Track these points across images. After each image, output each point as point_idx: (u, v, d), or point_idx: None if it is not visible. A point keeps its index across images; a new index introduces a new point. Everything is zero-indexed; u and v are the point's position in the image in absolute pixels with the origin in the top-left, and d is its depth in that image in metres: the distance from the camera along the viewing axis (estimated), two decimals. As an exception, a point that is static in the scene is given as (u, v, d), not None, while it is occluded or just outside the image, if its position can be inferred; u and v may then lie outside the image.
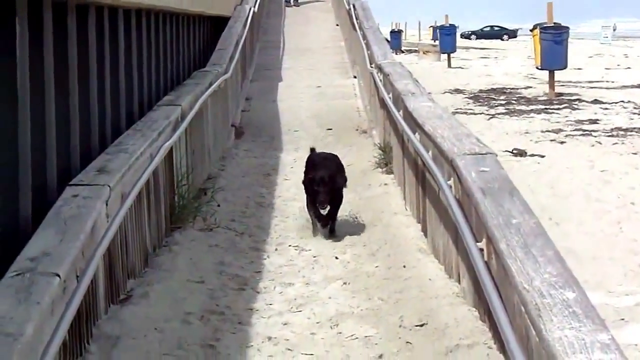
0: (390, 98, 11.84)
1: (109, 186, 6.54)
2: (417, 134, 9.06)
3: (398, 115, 10.50)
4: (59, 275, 4.93)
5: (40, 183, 6.57)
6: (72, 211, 5.94)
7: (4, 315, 4.38)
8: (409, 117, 9.79)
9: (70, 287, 5.12)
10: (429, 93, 12.48)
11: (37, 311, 4.51)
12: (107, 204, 6.41)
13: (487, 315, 5.90)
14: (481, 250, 5.67)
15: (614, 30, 69.33)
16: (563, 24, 24.32)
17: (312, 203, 9.62)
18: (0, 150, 5.73)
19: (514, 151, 15.22)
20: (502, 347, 4.83)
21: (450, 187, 6.99)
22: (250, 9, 22.94)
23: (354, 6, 23.44)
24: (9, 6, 6.02)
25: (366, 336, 6.60)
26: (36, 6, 6.63)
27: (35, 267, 4.98)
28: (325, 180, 9.45)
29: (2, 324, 4.29)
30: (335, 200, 9.65)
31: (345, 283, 7.92)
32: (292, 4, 37.54)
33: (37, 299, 4.62)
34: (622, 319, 7.15)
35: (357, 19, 21.67)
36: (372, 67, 15.55)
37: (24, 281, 4.79)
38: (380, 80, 13.64)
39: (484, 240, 5.71)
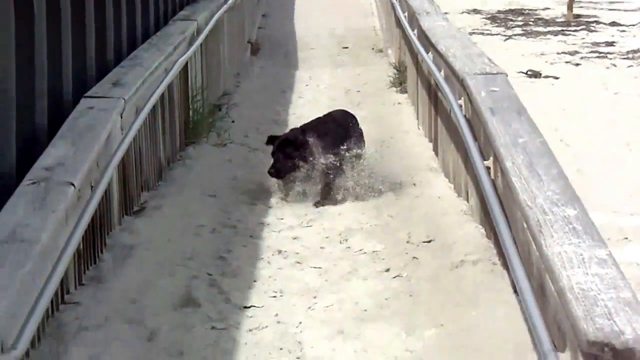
0: (405, 17, 11.78)
1: (124, 99, 6.61)
2: (430, 53, 9.07)
3: (412, 35, 10.49)
4: (73, 185, 5.04)
5: (56, 95, 6.64)
6: (87, 122, 6.04)
7: (20, 223, 4.51)
8: (423, 36, 9.79)
9: (85, 197, 5.25)
10: (446, 13, 12.43)
11: (52, 219, 4.63)
12: (121, 117, 6.50)
13: (493, 232, 6.00)
14: (488, 168, 5.77)
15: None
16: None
17: None
18: (17, 62, 5.79)
19: (529, 72, 15.15)
20: (506, 263, 4.94)
21: (461, 106, 7.04)
22: None
23: None
24: None
25: (374, 251, 6.73)
26: None
27: (50, 176, 5.09)
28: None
29: (18, 231, 4.42)
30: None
31: (355, 199, 8.01)
32: None
33: (52, 207, 4.74)
34: (626, 238, 7.23)
35: None
36: (389, -16, 15.44)
37: (39, 190, 4.91)
38: (397, -1, 13.56)
39: (491, 158, 5.80)
